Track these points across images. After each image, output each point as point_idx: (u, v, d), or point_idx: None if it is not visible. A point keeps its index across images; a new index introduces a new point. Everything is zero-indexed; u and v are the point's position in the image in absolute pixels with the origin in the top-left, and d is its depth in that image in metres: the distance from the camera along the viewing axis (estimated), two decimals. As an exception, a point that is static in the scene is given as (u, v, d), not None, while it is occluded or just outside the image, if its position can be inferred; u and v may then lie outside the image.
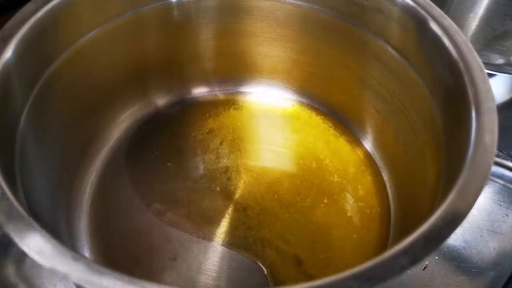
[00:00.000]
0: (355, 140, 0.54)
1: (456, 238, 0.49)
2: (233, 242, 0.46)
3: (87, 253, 0.44)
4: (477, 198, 0.30)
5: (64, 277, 0.27)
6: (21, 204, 0.30)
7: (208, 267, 0.44)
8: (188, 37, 0.51)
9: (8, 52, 0.36)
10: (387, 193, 0.49)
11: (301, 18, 0.49)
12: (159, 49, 0.51)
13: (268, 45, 0.53)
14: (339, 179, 0.50)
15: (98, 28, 0.44)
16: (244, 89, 0.58)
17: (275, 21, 0.50)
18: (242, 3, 0.49)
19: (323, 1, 0.47)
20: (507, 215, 0.51)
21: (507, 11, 0.55)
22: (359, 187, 0.50)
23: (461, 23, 0.56)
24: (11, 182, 0.31)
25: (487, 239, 0.49)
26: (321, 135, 0.54)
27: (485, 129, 0.33)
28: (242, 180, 0.50)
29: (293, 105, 0.57)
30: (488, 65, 0.57)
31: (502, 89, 0.58)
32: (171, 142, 0.53)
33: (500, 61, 0.60)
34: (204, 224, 0.47)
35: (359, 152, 0.53)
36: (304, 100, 0.57)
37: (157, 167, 0.51)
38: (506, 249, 0.49)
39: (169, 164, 0.51)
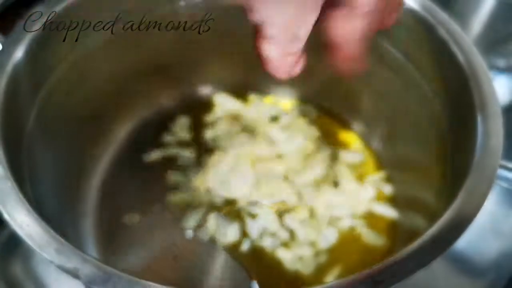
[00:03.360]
0: (361, 142, 0.54)
1: (458, 239, 0.49)
2: (234, 244, 0.46)
3: (92, 253, 0.44)
4: (484, 201, 0.30)
5: (73, 276, 0.27)
6: (29, 202, 0.30)
7: (211, 268, 0.44)
8: (193, 37, 0.51)
9: (20, 52, 0.36)
10: (393, 197, 0.49)
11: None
12: (165, 50, 0.51)
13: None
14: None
15: (107, 29, 0.44)
16: (250, 88, 0.58)
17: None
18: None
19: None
20: (509, 216, 0.51)
21: (511, 15, 0.55)
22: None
23: (464, 26, 0.56)
24: (20, 182, 0.31)
25: (489, 241, 0.49)
26: (326, 136, 0.54)
27: (491, 132, 0.33)
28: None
29: (297, 105, 0.57)
30: (491, 67, 0.57)
31: (504, 92, 0.58)
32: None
33: (503, 64, 0.60)
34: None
35: (365, 154, 0.53)
36: (308, 100, 0.57)
37: (163, 167, 0.51)
38: (508, 250, 0.49)
39: (175, 164, 0.51)
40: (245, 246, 0.46)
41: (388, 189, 0.50)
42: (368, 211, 0.48)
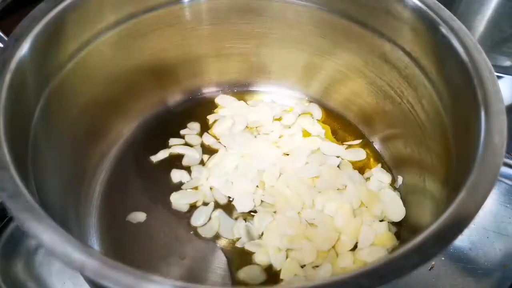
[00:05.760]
0: (365, 140, 0.54)
1: (462, 240, 0.49)
2: (234, 244, 0.46)
3: (96, 249, 0.45)
4: (486, 198, 0.30)
5: (80, 271, 0.27)
6: (34, 198, 0.30)
7: (216, 266, 0.45)
8: (198, 37, 0.51)
9: (24, 49, 0.36)
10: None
11: (310, 19, 0.50)
12: (170, 49, 0.51)
13: (277, 46, 0.53)
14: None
15: (111, 28, 0.45)
16: (253, 88, 0.58)
17: (284, 22, 0.51)
18: (252, 4, 0.50)
19: (331, 3, 0.48)
20: (513, 216, 0.51)
21: (515, 14, 0.55)
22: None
23: (468, 25, 0.56)
24: (25, 178, 0.31)
25: (493, 241, 0.49)
26: (331, 136, 0.55)
27: (494, 130, 0.33)
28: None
29: (301, 105, 0.57)
30: (495, 67, 0.57)
31: (509, 92, 0.58)
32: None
33: (507, 63, 0.60)
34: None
35: (369, 152, 0.53)
36: (312, 100, 0.57)
37: (167, 166, 0.51)
38: (513, 250, 0.49)
39: (179, 162, 0.51)
40: (246, 246, 0.46)
41: (390, 188, 0.50)
42: (372, 210, 0.48)
